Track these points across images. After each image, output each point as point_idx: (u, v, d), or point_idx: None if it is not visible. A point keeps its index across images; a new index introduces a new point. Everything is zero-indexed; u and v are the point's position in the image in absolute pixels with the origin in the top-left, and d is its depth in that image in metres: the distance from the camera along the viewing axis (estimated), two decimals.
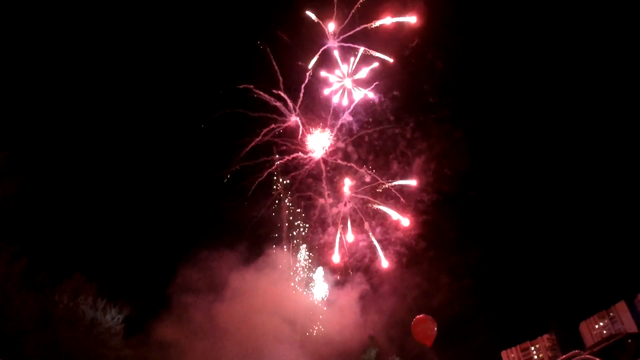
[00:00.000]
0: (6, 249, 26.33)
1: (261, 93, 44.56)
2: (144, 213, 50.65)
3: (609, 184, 52.30)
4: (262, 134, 45.39)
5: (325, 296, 51.12)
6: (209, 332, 44.51)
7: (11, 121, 38.12)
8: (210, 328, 44.79)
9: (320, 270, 50.74)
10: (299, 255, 51.61)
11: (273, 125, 45.65)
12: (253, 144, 45.69)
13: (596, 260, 56.76)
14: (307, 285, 50.70)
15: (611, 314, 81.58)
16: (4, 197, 25.32)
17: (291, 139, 46.76)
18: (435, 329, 26.04)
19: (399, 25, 42.41)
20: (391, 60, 43.36)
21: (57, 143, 45.66)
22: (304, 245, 52.23)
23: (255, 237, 49.73)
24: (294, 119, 45.88)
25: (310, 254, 51.77)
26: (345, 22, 42.69)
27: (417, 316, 26.70)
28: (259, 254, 48.56)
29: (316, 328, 49.83)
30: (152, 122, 49.72)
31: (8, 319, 25.03)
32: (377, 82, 44.48)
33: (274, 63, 43.85)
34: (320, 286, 50.72)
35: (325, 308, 51.01)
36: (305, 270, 51.15)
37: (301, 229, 51.66)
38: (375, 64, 43.84)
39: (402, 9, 42.22)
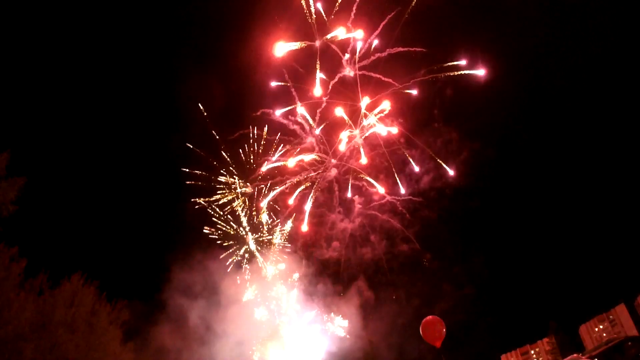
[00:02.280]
0: (5, 251, 26.23)
1: (280, 118, 46.63)
2: (147, 219, 50.93)
3: (607, 188, 52.51)
4: (276, 155, 47.61)
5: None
6: (207, 337, 44.44)
7: (12, 123, 38.28)
8: (209, 333, 44.72)
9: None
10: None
11: (289, 147, 47.90)
12: (267, 165, 47.84)
13: (595, 264, 56.85)
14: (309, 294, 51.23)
15: (611, 316, 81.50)
16: (3, 200, 25.23)
17: (306, 159, 48.85)
18: (444, 330, 25.81)
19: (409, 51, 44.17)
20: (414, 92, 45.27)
21: (58, 146, 45.90)
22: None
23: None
24: (310, 141, 47.75)
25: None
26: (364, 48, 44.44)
27: (426, 318, 26.42)
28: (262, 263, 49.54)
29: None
30: (161, 133, 50.62)
31: (6, 323, 24.89)
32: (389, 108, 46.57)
33: (292, 89, 45.85)
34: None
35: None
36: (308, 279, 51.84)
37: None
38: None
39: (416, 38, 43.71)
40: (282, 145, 48.43)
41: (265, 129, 48.45)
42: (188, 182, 50.21)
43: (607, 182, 51.84)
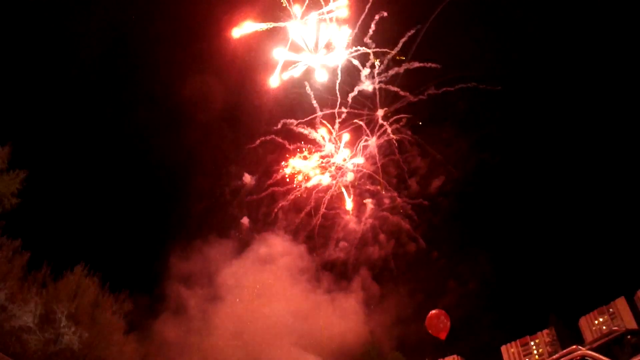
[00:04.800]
0: (8, 244, 26.34)
1: (302, 130, 48.87)
2: (149, 211, 51.17)
3: (607, 182, 52.52)
4: (294, 161, 50.48)
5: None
6: (210, 330, 44.76)
7: (14, 116, 38.25)
8: (212, 325, 45.07)
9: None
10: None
11: (307, 154, 50.36)
12: (283, 171, 50.96)
13: (596, 257, 56.96)
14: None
15: (611, 309, 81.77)
16: (6, 192, 25.29)
17: (325, 166, 51.28)
18: (449, 323, 26.32)
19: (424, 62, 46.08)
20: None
21: (61, 138, 45.89)
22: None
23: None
24: (328, 149, 50.00)
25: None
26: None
27: (431, 311, 26.90)
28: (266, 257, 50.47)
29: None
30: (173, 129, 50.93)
31: (11, 316, 25.09)
32: (407, 116, 49.12)
33: (314, 102, 47.98)
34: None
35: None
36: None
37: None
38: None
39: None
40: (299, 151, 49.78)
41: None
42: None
43: (606, 175, 52.03)
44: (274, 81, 45.24)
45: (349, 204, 51.77)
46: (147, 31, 47.71)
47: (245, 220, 53.31)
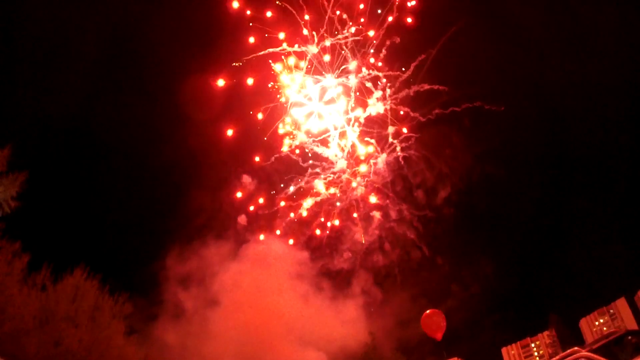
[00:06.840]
0: (7, 246, 26.29)
1: (315, 148, 50.89)
2: (149, 212, 51.23)
3: (608, 182, 52.68)
4: (306, 176, 51.75)
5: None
6: (211, 332, 44.77)
7: (14, 117, 38.30)
8: (213, 327, 45.06)
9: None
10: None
11: (318, 170, 51.78)
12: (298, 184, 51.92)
13: (596, 258, 57.05)
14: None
15: (611, 310, 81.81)
16: (4, 197, 25.27)
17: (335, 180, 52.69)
18: (444, 323, 26.37)
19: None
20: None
21: (61, 139, 45.97)
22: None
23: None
24: (340, 165, 51.59)
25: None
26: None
27: (426, 311, 27.00)
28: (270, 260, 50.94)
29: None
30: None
31: (10, 319, 25.03)
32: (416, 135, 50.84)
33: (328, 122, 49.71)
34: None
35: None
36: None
37: None
38: None
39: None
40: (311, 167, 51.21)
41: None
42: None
43: (605, 178, 52.28)
44: (288, 99, 46.71)
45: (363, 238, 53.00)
46: (155, 34, 47.92)
47: (247, 224, 53.63)
